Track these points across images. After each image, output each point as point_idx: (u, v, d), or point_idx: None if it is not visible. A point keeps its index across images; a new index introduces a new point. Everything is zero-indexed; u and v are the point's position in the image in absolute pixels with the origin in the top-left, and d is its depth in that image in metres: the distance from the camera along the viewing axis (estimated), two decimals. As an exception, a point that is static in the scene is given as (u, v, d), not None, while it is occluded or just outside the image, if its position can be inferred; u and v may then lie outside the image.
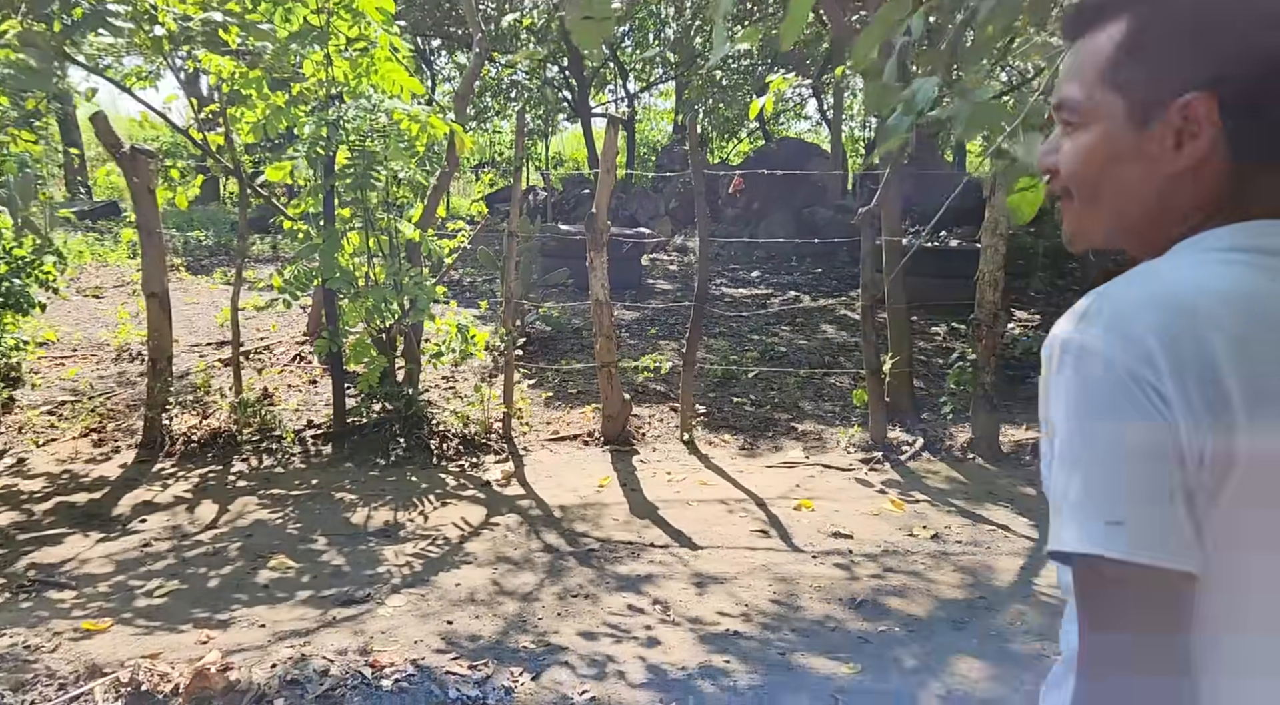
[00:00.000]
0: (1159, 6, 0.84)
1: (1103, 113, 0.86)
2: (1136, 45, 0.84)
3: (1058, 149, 0.91)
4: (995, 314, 5.18)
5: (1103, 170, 0.86)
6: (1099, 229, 0.90)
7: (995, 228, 5.11)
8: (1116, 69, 0.85)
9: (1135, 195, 0.86)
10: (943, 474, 5.06)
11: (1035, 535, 4.20)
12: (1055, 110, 0.91)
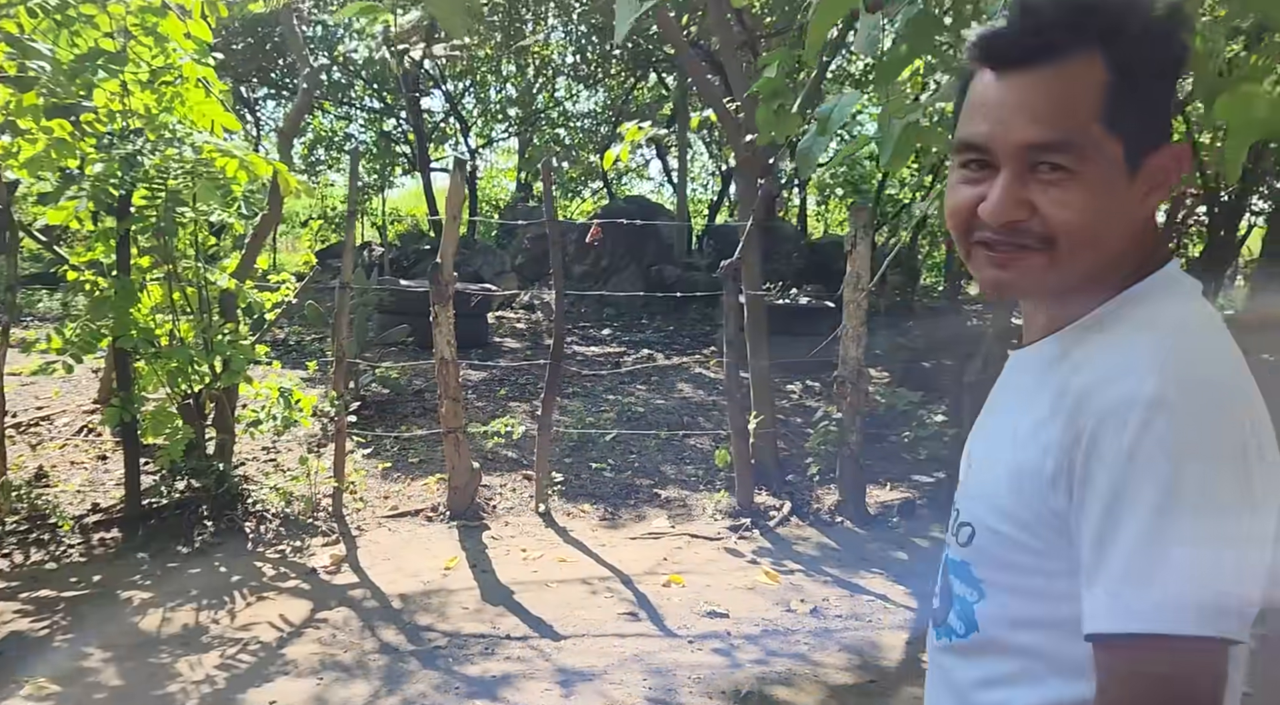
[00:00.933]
0: (1138, 44, 0.80)
1: (1098, 157, 0.80)
2: (1130, 86, 0.80)
3: (1022, 201, 0.82)
4: (859, 371, 5.03)
5: (1105, 221, 0.82)
6: (1071, 279, 0.85)
7: (857, 283, 4.98)
8: (1116, 111, 0.80)
9: (1114, 243, 0.83)
10: (813, 540, 4.80)
11: (914, 605, 3.97)
12: (1038, 153, 0.80)
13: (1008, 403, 0.95)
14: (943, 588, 0.96)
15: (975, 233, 0.86)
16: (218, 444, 4.86)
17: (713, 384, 7.80)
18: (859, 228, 4.96)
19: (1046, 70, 0.80)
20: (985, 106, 0.83)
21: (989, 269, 0.86)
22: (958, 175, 0.88)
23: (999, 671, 0.88)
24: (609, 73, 16.00)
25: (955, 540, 0.93)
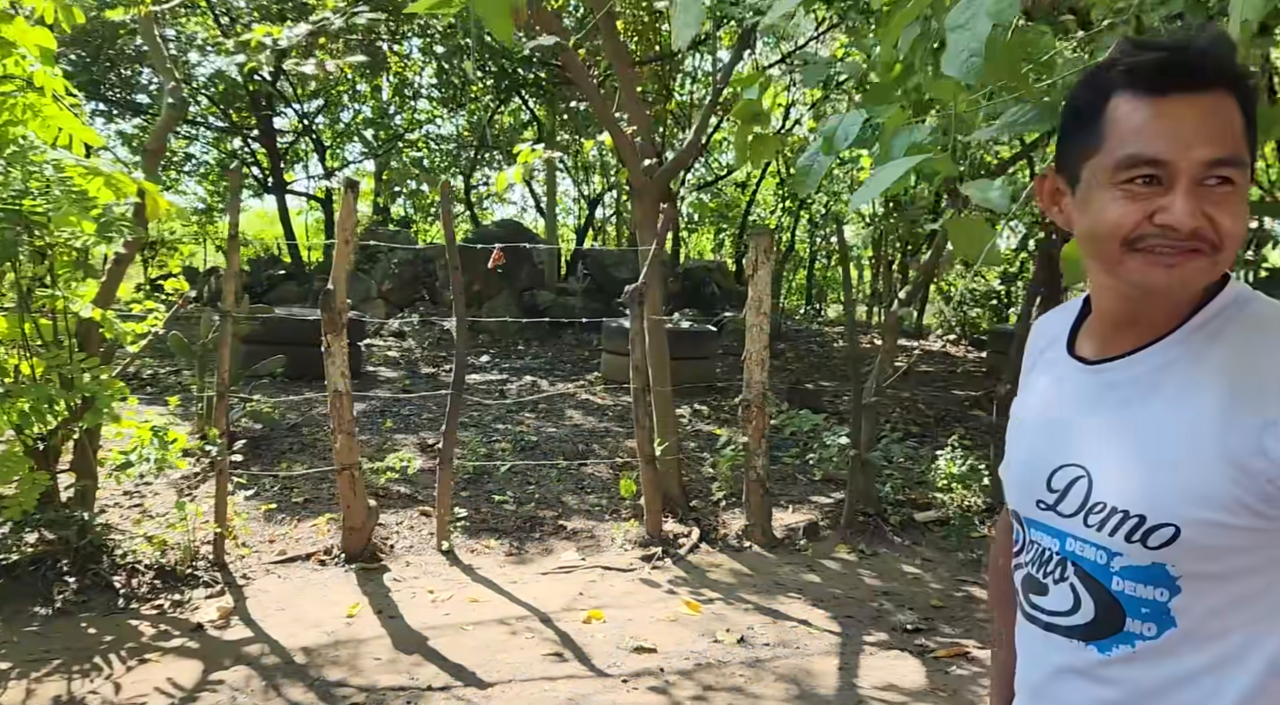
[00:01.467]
0: (1250, 92, 0.95)
1: (1246, 176, 0.93)
2: (1249, 116, 0.94)
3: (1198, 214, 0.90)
4: (764, 394, 5.06)
5: (1245, 228, 0.94)
6: (1215, 278, 0.95)
7: (760, 306, 5.02)
8: (1248, 137, 0.93)
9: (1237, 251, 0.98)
10: (725, 566, 4.76)
11: (837, 629, 3.99)
12: (1217, 168, 0.91)
13: (1138, 401, 0.97)
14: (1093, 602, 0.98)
15: (1142, 243, 0.92)
16: (78, 491, 4.38)
17: (602, 410, 7.71)
18: (760, 252, 5.00)
19: (1208, 99, 0.91)
20: (1156, 128, 0.92)
21: (1158, 272, 0.92)
22: (1118, 192, 0.93)
23: (1196, 664, 0.93)
24: (470, 96, 15.76)
25: (1136, 547, 0.94)
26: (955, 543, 5.06)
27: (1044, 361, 1.14)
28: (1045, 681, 1.04)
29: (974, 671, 3.55)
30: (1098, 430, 1.00)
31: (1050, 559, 1.03)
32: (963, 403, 8.47)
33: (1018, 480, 1.11)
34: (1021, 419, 1.15)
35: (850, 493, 5.27)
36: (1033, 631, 1.06)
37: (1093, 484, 0.99)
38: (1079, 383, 1.05)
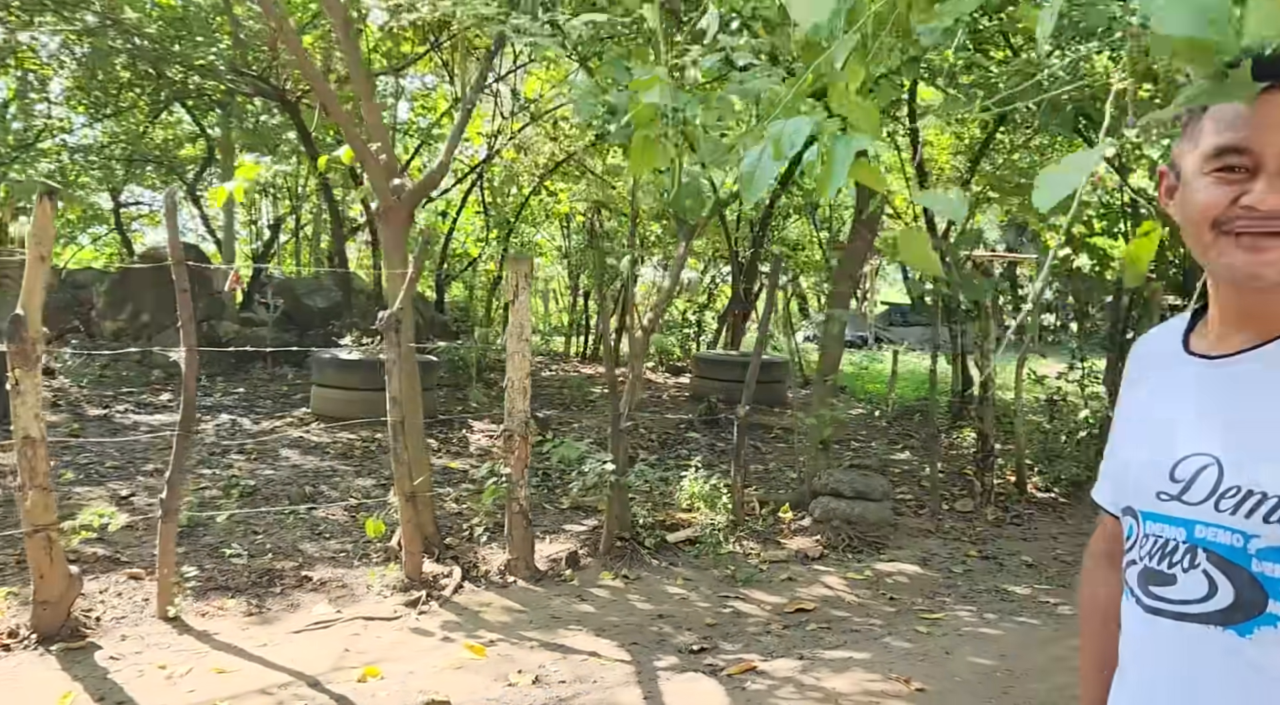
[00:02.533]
0: None
1: None
2: None
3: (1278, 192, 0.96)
4: (527, 423, 4.94)
5: None
6: None
7: (521, 333, 4.91)
8: None
9: None
10: (496, 604, 4.56)
11: (627, 657, 3.96)
12: None
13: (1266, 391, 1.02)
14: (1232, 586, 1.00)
15: (1228, 224, 0.99)
16: None
17: (321, 449, 7.10)
18: (521, 277, 4.90)
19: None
20: (1245, 119, 0.98)
21: (1241, 254, 0.99)
22: (1209, 179, 1.01)
23: None
24: (120, 104, 13.95)
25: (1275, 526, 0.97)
26: (711, 560, 5.25)
27: (1150, 371, 1.18)
28: (1179, 670, 1.05)
29: (768, 685, 3.68)
30: (1224, 420, 1.04)
31: (1175, 549, 1.05)
32: (678, 426, 8.87)
33: (1134, 475, 1.12)
34: (1132, 419, 1.18)
35: (609, 518, 5.29)
36: (1160, 624, 1.07)
37: (1223, 470, 1.02)
38: (1201, 377, 1.09)
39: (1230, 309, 1.07)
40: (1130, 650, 1.13)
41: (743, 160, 1.70)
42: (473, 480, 6.59)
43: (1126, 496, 1.14)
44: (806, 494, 6.17)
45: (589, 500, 6.03)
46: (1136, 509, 1.11)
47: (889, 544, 5.78)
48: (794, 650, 4.06)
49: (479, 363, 10.51)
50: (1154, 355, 1.19)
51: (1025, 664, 3.94)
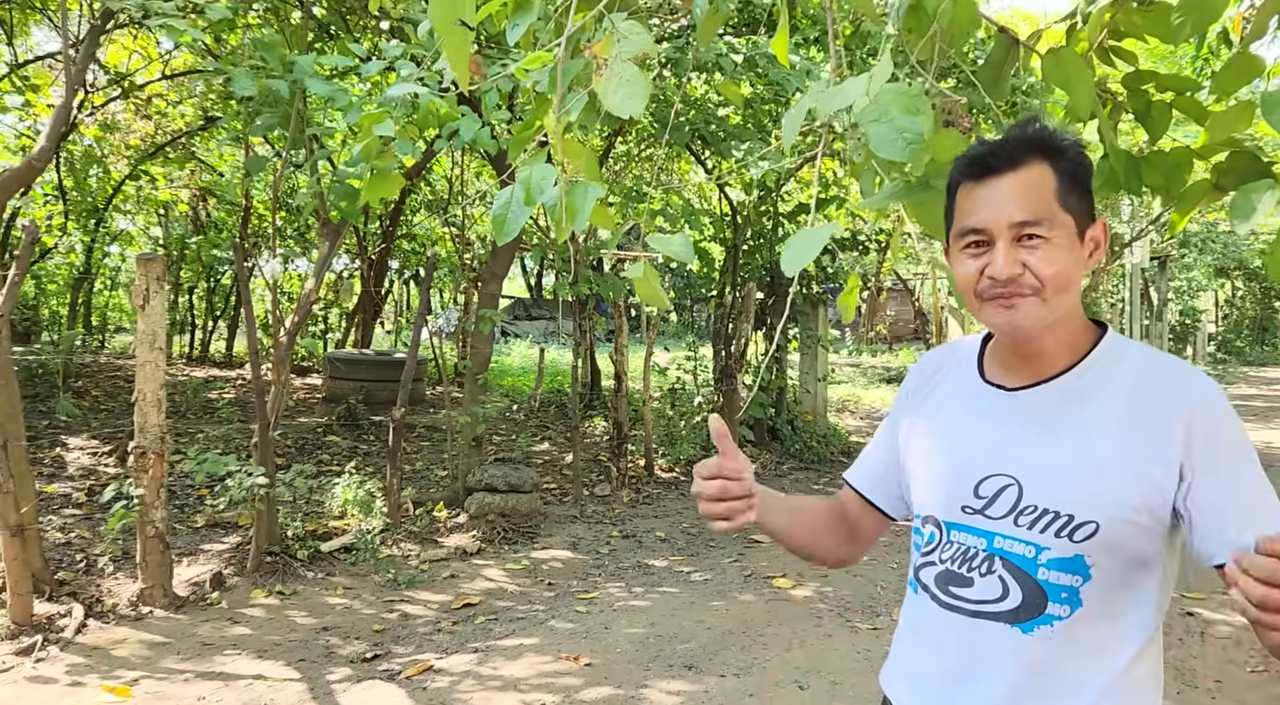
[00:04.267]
0: (1071, 157, 1.19)
1: (1062, 228, 1.17)
2: (1067, 184, 1.18)
3: (1014, 264, 1.16)
4: (163, 439, 4.50)
5: (1070, 272, 1.17)
6: (1057, 312, 1.18)
7: (153, 341, 4.46)
8: (1066, 198, 1.18)
9: (1075, 289, 1.21)
10: (132, 639, 4.12)
11: (296, 675, 3.81)
12: (1023, 228, 1.16)
13: (1059, 423, 1.19)
14: (1021, 590, 1.18)
15: (984, 293, 1.19)
16: None
17: None
18: (152, 279, 4.46)
19: (1020, 175, 1.17)
20: (977, 204, 1.19)
21: (1001, 314, 1.18)
22: (963, 255, 1.21)
23: (1096, 636, 1.16)
24: None
25: (1063, 541, 1.15)
26: (371, 565, 5.17)
27: (946, 389, 1.33)
28: (969, 660, 1.21)
29: (449, 681, 3.76)
30: (1021, 446, 1.20)
31: (976, 556, 1.21)
32: (315, 430, 8.50)
33: (939, 489, 1.27)
34: (932, 436, 1.32)
35: (256, 533, 4.99)
36: (955, 620, 1.23)
37: (1023, 490, 1.18)
38: (999, 406, 1.25)
39: (1012, 351, 1.25)
40: (921, 638, 1.30)
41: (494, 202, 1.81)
42: (78, 505, 5.83)
43: (928, 507, 1.30)
44: (461, 491, 6.29)
45: (229, 516, 5.63)
46: (940, 519, 1.27)
47: (541, 533, 6.10)
48: (467, 645, 4.18)
49: (65, 370, 9.20)
50: (943, 374, 1.35)
51: (672, 628, 4.42)
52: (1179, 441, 1.13)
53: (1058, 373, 1.22)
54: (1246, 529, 1.08)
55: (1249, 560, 0.91)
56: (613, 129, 9.19)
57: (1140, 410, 1.16)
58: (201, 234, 13.86)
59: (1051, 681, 1.17)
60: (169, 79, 10.78)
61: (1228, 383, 19.10)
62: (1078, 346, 1.22)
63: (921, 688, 1.28)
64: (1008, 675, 1.18)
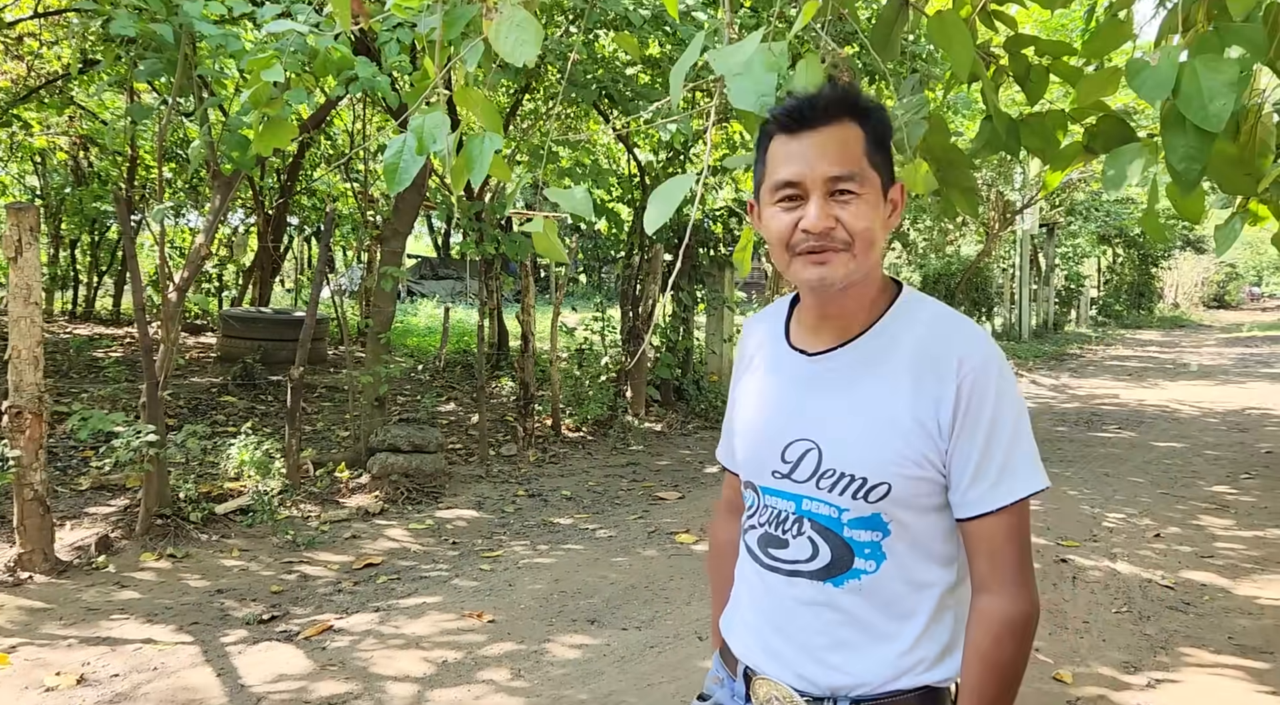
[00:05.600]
0: (876, 118, 1.23)
1: (870, 186, 1.20)
2: (875, 143, 1.22)
3: (826, 217, 1.18)
4: (40, 398, 4.29)
5: (877, 230, 1.21)
6: (864, 269, 1.22)
7: (28, 295, 4.23)
8: (873, 157, 1.21)
9: (880, 247, 1.25)
10: (9, 606, 3.95)
11: (188, 639, 3.72)
12: (836, 182, 1.18)
13: (853, 386, 1.23)
14: (829, 548, 1.23)
15: (796, 245, 1.20)
16: None
17: None
18: (24, 230, 4.22)
19: (831, 130, 1.19)
20: (792, 157, 1.20)
21: (812, 268, 1.19)
22: (776, 208, 1.21)
23: (901, 586, 1.22)
24: None
25: (861, 502, 1.20)
26: (269, 527, 5.07)
27: (761, 355, 1.36)
28: (789, 615, 1.26)
29: (349, 640, 3.73)
30: (821, 410, 1.24)
31: (787, 518, 1.26)
32: (209, 390, 8.22)
33: (753, 455, 1.31)
34: (748, 403, 1.36)
35: (146, 495, 4.82)
36: (774, 578, 1.28)
37: (822, 455, 1.22)
38: (801, 370, 1.28)
39: (816, 312, 1.28)
40: (747, 595, 1.35)
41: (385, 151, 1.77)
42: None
43: (747, 472, 1.34)
44: (363, 451, 6.19)
45: (116, 478, 5.42)
46: (756, 484, 1.31)
47: (445, 493, 6.06)
48: (369, 604, 4.14)
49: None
50: (761, 340, 1.37)
51: (575, 584, 4.48)
52: (950, 401, 1.18)
53: (856, 335, 1.25)
54: (974, 487, 1.18)
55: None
56: (520, 85, 9.04)
57: (924, 368, 1.20)
58: (83, 185, 13.10)
59: (862, 631, 1.23)
60: (42, 17, 10.11)
61: (1106, 344, 20.16)
62: (876, 306, 1.26)
63: (747, 638, 1.33)
64: (821, 627, 1.24)
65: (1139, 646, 3.77)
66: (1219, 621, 4.04)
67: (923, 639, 1.23)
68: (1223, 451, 7.95)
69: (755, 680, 1.29)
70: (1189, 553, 5.02)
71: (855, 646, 1.23)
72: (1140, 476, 6.95)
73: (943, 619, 1.24)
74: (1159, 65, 1.49)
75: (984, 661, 1.18)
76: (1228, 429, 9.17)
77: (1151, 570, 4.71)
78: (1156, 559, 4.91)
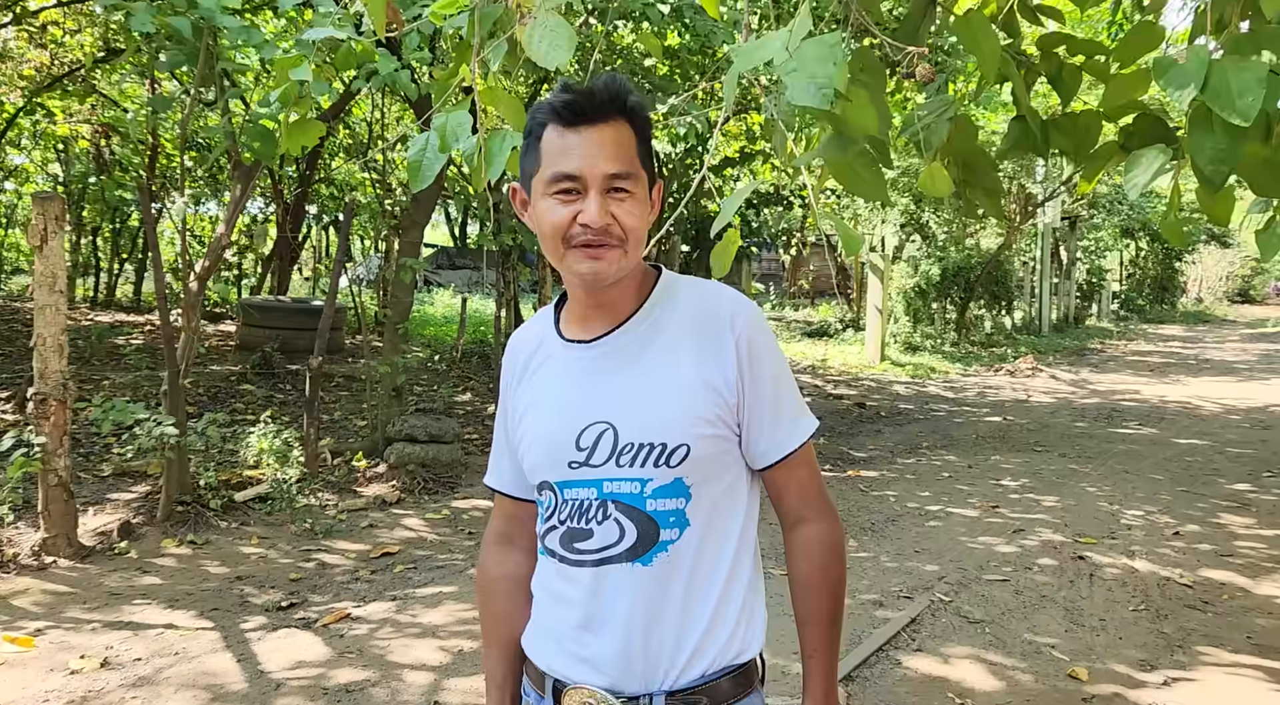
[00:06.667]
0: (643, 118, 1.24)
1: (641, 185, 1.22)
2: (644, 140, 1.24)
3: (606, 213, 1.18)
4: (65, 385, 4.34)
5: (644, 226, 1.23)
6: (633, 263, 1.24)
7: (53, 283, 4.28)
8: (643, 155, 1.23)
9: (644, 243, 1.26)
10: (34, 590, 4.01)
11: (209, 624, 3.77)
12: (614, 179, 1.19)
13: (636, 361, 1.26)
14: (634, 525, 1.22)
15: (573, 238, 1.20)
16: None
17: None
18: (51, 219, 4.26)
19: (608, 127, 1.20)
20: (570, 150, 1.19)
21: (586, 263, 1.20)
22: (552, 200, 1.20)
23: (705, 550, 1.23)
24: None
25: (663, 469, 1.21)
26: (287, 515, 5.11)
27: (536, 360, 1.34)
28: (597, 606, 1.23)
29: (367, 629, 3.77)
30: (608, 391, 1.25)
31: (590, 507, 1.24)
32: (229, 378, 8.28)
33: (547, 452, 1.28)
34: (533, 406, 1.32)
35: (167, 482, 4.88)
36: (581, 574, 1.25)
37: (618, 432, 1.23)
38: (581, 359, 1.28)
39: (586, 302, 1.28)
40: (550, 604, 1.30)
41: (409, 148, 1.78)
42: (-24, 453, 5.60)
43: (541, 473, 1.30)
44: (380, 441, 6.23)
45: (138, 465, 5.48)
46: (552, 481, 1.28)
47: (462, 483, 6.09)
48: (386, 593, 4.18)
49: None
50: (534, 347, 1.36)
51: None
52: (732, 358, 1.24)
53: (626, 318, 1.28)
54: (774, 435, 1.26)
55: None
56: (538, 77, 9.03)
57: (701, 333, 1.25)
58: (105, 173, 13.21)
59: (670, 606, 1.22)
60: (65, 6, 10.18)
61: (1128, 339, 19.99)
62: (643, 290, 1.29)
63: (552, 649, 1.29)
64: (632, 610, 1.22)
65: (1156, 645, 3.75)
66: (1238, 621, 4.01)
67: (726, 602, 1.25)
68: (1245, 449, 7.87)
69: (566, 692, 1.26)
70: (1209, 551, 4.99)
71: (663, 623, 1.22)
72: (1160, 474, 6.89)
73: (741, 581, 1.27)
74: (1187, 62, 1.48)
75: (818, 586, 1.28)
76: (1250, 426, 9.08)
77: (1170, 568, 4.69)
78: (1175, 557, 4.88)
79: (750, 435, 1.26)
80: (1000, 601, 4.20)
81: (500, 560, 1.43)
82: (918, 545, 5.05)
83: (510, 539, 1.43)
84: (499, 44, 1.76)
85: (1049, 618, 4.03)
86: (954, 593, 4.30)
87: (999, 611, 4.09)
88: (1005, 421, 9.34)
